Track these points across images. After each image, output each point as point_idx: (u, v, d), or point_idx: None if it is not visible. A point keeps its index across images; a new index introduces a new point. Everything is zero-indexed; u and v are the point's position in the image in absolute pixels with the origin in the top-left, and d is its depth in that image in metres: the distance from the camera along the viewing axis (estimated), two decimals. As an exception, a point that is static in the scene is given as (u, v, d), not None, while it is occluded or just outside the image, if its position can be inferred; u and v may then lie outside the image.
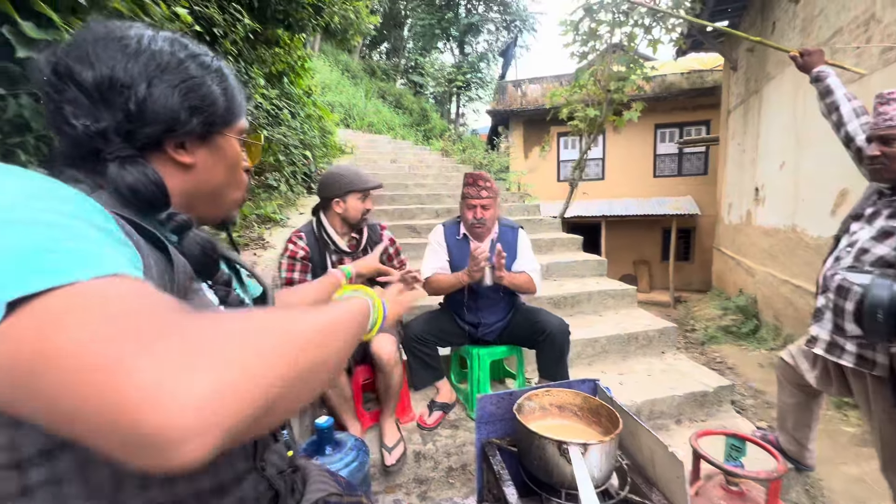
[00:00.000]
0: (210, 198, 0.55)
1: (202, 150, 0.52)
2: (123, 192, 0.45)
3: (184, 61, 0.49)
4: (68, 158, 0.47)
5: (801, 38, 4.34)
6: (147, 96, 0.46)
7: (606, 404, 0.99)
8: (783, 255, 4.64)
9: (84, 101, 0.44)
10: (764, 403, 3.42)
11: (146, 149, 0.48)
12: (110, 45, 0.45)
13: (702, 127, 9.70)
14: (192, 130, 0.50)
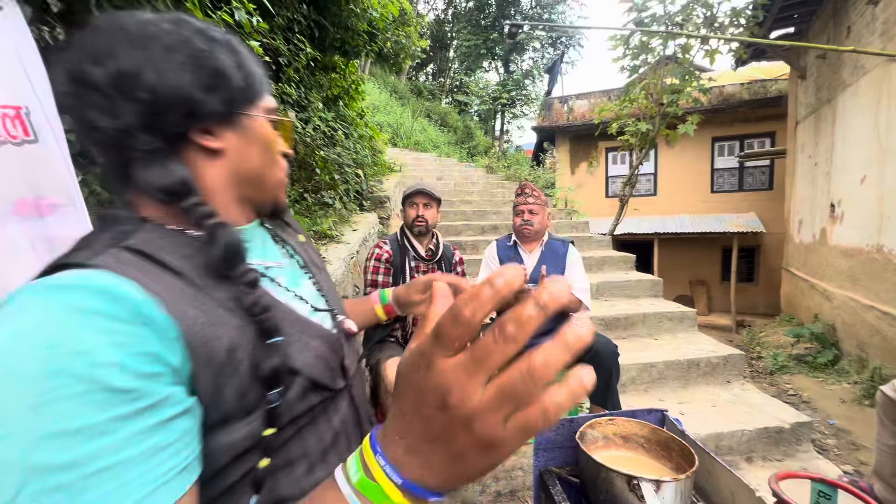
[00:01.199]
0: (252, 183, 0.52)
1: (230, 133, 0.48)
2: (152, 194, 0.44)
3: (189, 38, 0.45)
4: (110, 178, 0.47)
5: (881, 41, 3.99)
6: (157, 80, 0.42)
7: (678, 438, 0.93)
8: (867, 277, 4.19)
9: (102, 101, 0.42)
10: (849, 444, 3.06)
11: (174, 142, 0.45)
12: (114, 37, 0.42)
13: (765, 139, 9.09)
14: (213, 112, 0.46)
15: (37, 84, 1.08)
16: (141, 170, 0.44)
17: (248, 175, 0.51)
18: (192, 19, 0.47)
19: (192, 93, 0.44)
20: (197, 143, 0.47)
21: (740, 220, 8.80)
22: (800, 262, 6.09)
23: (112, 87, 0.41)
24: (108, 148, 0.44)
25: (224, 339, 0.41)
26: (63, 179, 1.14)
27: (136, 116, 0.42)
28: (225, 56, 0.47)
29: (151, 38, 0.43)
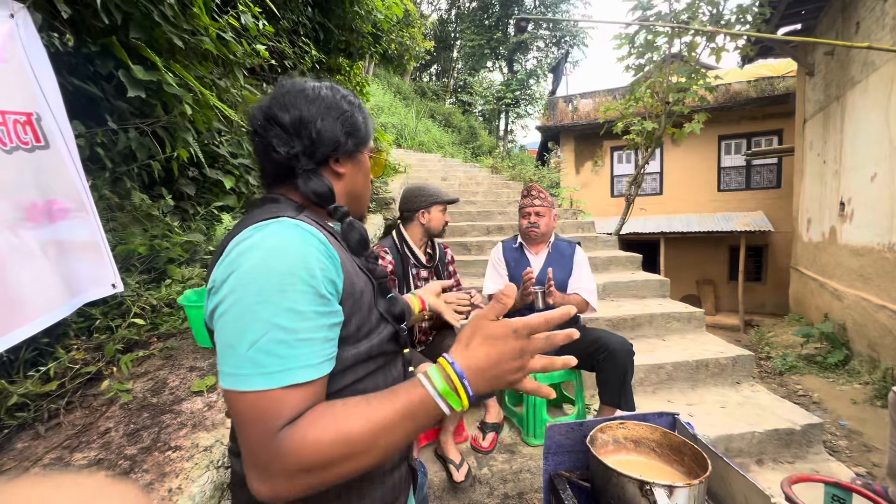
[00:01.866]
0: (354, 199, 0.75)
1: (349, 163, 0.72)
2: (310, 196, 0.65)
3: (339, 101, 0.69)
4: (269, 177, 0.69)
5: (892, 37, 3.94)
6: (322, 128, 0.66)
7: (690, 442, 0.92)
8: (879, 276, 4.13)
9: (283, 135, 0.65)
10: (861, 446, 3.02)
11: (319, 164, 0.68)
12: (297, 96, 0.66)
13: (772, 137, 9.00)
14: (347, 150, 0.69)
15: (47, 91, 1.09)
16: (303, 180, 0.65)
17: (353, 194, 0.74)
18: (340, 88, 0.72)
19: (339, 136, 0.67)
20: (331, 167, 0.69)
21: (748, 218, 8.72)
22: (809, 260, 6.02)
23: (292, 127, 0.65)
24: (279, 165, 0.66)
25: (359, 284, 0.62)
26: (74, 184, 1.15)
27: (303, 147, 0.65)
28: (359, 115, 0.71)
29: (320, 99, 0.67)
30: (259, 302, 0.50)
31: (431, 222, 1.98)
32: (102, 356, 1.25)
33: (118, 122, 1.61)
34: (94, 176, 1.55)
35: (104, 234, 1.22)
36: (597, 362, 1.91)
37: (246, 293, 0.51)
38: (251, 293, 0.50)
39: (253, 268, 0.52)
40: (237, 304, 0.51)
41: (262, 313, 0.50)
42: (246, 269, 0.52)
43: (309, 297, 0.52)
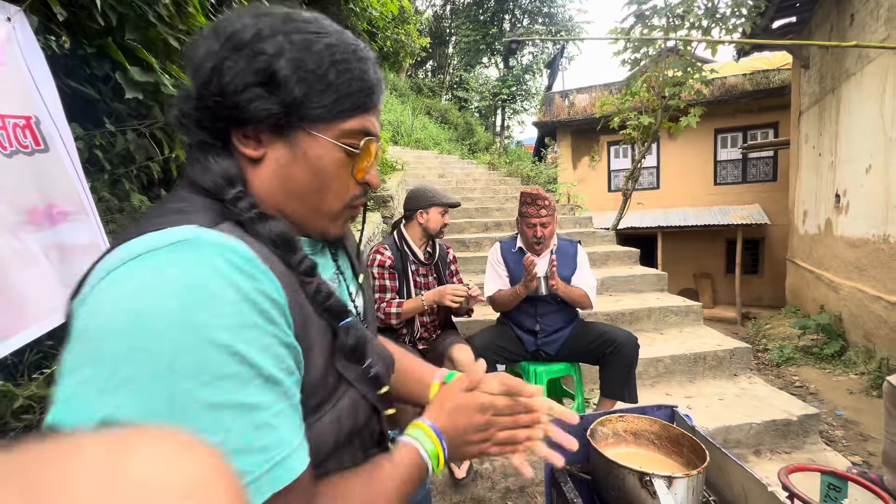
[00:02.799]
0: (298, 200, 0.48)
1: (278, 143, 0.46)
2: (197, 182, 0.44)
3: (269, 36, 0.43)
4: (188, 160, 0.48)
5: (886, 29, 3.96)
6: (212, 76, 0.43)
7: (689, 434, 0.93)
8: (874, 268, 4.17)
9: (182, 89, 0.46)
10: (857, 436, 3.05)
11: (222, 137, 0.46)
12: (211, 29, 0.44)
13: (768, 130, 9.03)
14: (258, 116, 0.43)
15: (45, 94, 1.09)
16: (188, 155, 0.45)
17: (292, 193, 0.47)
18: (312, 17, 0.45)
19: (248, 90, 0.42)
20: (235, 144, 0.45)
21: (744, 212, 8.75)
22: (805, 253, 6.06)
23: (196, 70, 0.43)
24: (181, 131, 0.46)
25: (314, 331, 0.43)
26: (74, 187, 1.16)
27: (194, 102, 0.43)
28: (290, 61, 0.42)
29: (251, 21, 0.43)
30: (208, 383, 0.33)
31: (429, 223, 2.01)
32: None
33: (116, 125, 1.61)
34: (93, 178, 1.54)
35: (105, 236, 1.23)
36: (602, 356, 1.93)
37: (179, 378, 0.32)
38: (188, 375, 0.32)
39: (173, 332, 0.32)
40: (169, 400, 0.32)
41: (219, 397, 0.33)
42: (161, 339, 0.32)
43: (272, 348, 0.37)
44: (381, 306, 1.87)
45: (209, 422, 0.32)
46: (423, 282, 2.05)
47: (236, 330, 0.34)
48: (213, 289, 0.34)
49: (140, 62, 1.64)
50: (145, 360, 0.32)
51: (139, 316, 0.32)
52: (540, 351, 2.07)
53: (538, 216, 2.01)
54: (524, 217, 2.08)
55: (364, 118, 0.47)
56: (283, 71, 0.42)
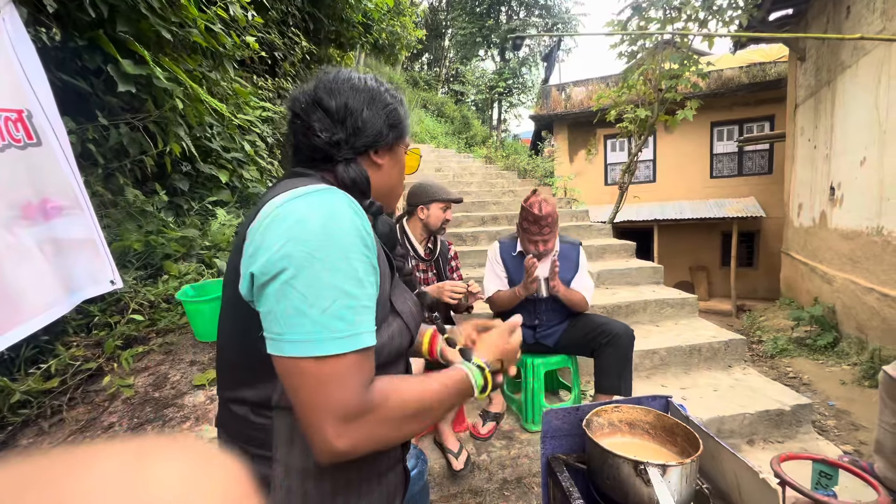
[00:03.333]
0: (387, 193, 0.75)
1: (387, 155, 0.72)
2: (347, 184, 0.66)
3: (383, 93, 0.70)
4: (303, 162, 0.69)
5: (882, 21, 3.96)
6: (366, 118, 0.67)
7: (683, 423, 0.95)
8: (867, 260, 4.20)
9: (327, 121, 0.66)
10: (849, 425, 3.10)
11: (358, 154, 0.69)
12: (344, 83, 0.68)
13: (764, 123, 9.04)
14: (388, 142, 0.70)
15: (37, 87, 1.08)
16: (343, 166, 0.67)
17: (386, 187, 0.74)
18: (384, 81, 0.73)
19: (381, 129, 0.69)
20: (371, 158, 0.70)
21: (740, 204, 8.79)
22: (799, 245, 6.10)
23: (338, 114, 0.66)
24: (317, 150, 0.67)
25: (383, 268, 0.63)
26: (68, 181, 1.15)
27: (346, 136, 0.67)
28: (400, 108, 0.73)
29: (365, 90, 0.68)
30: (327, 269, 0.52)
31: (429, 219, 2.00)
32: (102, 352, 1.26)
33: (109, 118, 1.59)
34: (86, 172, 1.53)
35: (101, 230, 1.22)
36: (598, 346, 1.92)
37: (312, 260, 0.52)
38: (318, 260, 0.52)
39: (315, 234, 0.53)
40: (304, 270, 0.52)
41: (332, 279, 0.52)
42: (308, 236, 0.53)
43: (366, 266, 0.56)
44: None
45: (324, 293, 0.52)
46: (423, 277, 2.05)
47: (350, 244, 0.55)
48: (342, 215, 0.56)
49: (132, 55, 1.62)
50: (301, 246, 0.52)
51: (301, 222, 0.54)
52: (538, 343, 2.08)
53: (540, 234, 1.94)
54: (526, 232, 1.99)
55: (408, 136, 0.77)
56: (400, 114, 0.72)
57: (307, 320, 0.51)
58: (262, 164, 2.58)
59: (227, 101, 2.35)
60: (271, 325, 0.53)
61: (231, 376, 0.64)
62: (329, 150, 0.66)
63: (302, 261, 0.52)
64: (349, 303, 0.53)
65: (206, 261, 1.86)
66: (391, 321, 0.67)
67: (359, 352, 0.53)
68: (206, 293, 1.49)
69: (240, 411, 0.62)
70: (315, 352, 0.51)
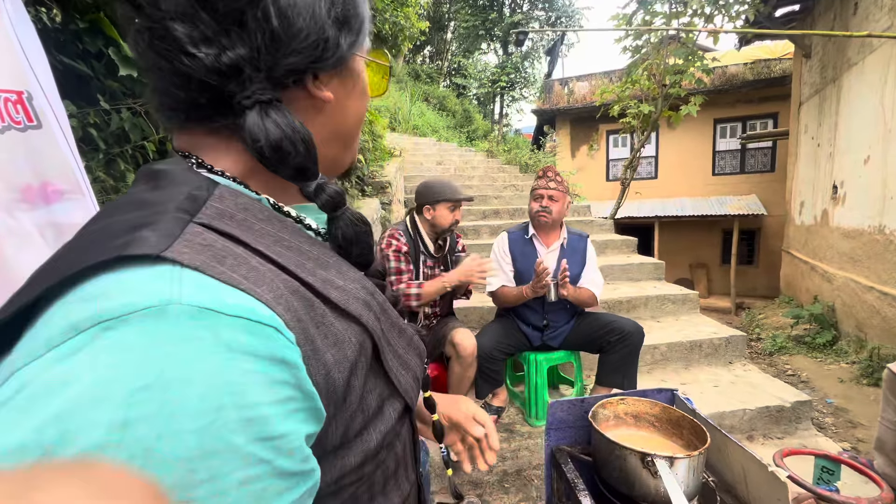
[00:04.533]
0: (339, 141, 0.41)
1: (336, 80, 0.37)
2: (265, 153, 0.32)
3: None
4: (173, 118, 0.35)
5: (889, 17, 3.92)
6: (289, 7, 0.32)
7: (689, 416, 0.94)
8: (868, 259, 4.20)
9: (210, 22, 0.30)
10: (847, 423, 3.11)
11: (282, 87, 0.34)
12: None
13: (768, 120, 9.00)
14: (339, 55, 0.36)
15: (38, 69, 1.06)
16: (258, 119, 0.32)
17: (339, 131, 0.40)
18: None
19: (325, 31, 0.34)
20: (309, 91, 0.36)
21: (741, 202, 8.77)
22: (800, 243, 6.10)
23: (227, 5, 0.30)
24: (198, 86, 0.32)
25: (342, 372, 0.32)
26: (68, 165, 1.13)
27: (253, 51, 0.32)
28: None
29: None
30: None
31: (436, 219, 1.95)
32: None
33: (110, 102, 1.57)
34: (87, 157, 1.51)
35: (101, 216, 1.21)
36: (607, 343, 1.92)
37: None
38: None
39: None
40: None
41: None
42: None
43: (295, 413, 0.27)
44: (400, 287, 1.81)
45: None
46: (431, 273, 2.03)
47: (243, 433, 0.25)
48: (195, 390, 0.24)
49: (134, 39, 1.60)
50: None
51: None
52: (545, 344, 2.07)
53: (546, 188, 1.98)
54: (533, 192, 2.04)
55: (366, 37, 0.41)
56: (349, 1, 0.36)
57: None
58: (263, 154, 2.56)
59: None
60: None
61: None
62: (219, 85, 0.32)
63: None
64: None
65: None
66: (386, 409, 0.38)
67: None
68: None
69: None
70: None
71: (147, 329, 0.23)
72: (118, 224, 0.28)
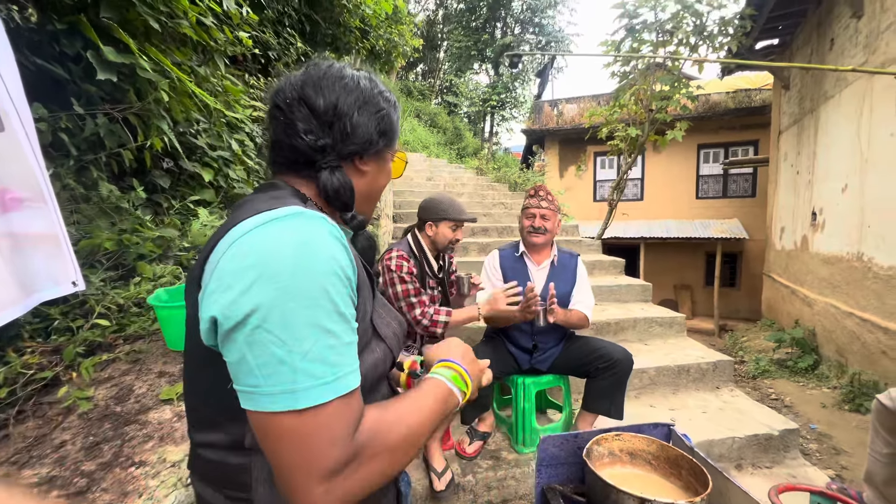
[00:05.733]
0: (367, 201, 0.69)
1: (373, 162, 0.66)
2: (329, 194, 0.60)
3: (377, 95, 0.64)
4: (281, 162, 0.63)
5: (864, 54, 4.10)
6: (357, 122, 0.61)
7: (688, 456, 0.89)
8: (847, 285, 4.29)
9: (313, 121, 0.59)
10: (831, 449, 3.11)
11: (343, 160, 0.63)
12: (335, 81, 0.61)
13: (749, 147, 9.30)
14: (377, 148, 0.64)
15: (3, 68, 0.99)
16: (328, 174, 0.60)
17: (370, 194, 0.69)
18: (376, 78, 0.67)
19: (372, 135, 0.63)
20: (356, 165, 0.65)
21: (724, 226, 8.97)
22: (781, 268, 6.22)
23: (325, 115, 0.60)
24: (299, 152, 0.60)
25: (365, 292, 0.58)
26: (31, 171, 1.05)
27: (333, 140, 0.60)
28: (394, 112, 0.67)
29: (358, 90, 0.62)
30: (304, 307, 0.46)
31: (437, 236, 1.89)
32: (61, 360, 1.15)
33: (86, 107, 1.49)
34: (56, 164, 1.43)
35: (65, 227, 1.12)
36: (595, 370, 1.87)
37: (286, 297, 0.45)
38: (293, 297, 0.45)
39: (287, 267, 0.46)
40: (277, 310, 0.45)
41: (311, 317, 0.46)
42: (279, 270, 0.46)
43: (346, 298, 0.50)
44: (429, 312, 1.77)
45: (303, 334, 0.45)
46: (432, 294, 1.97)
47: (328, 276, 0.48)
48: (317, 243, 0.49)
49: (116, 42, 1.53)
50: (271, 283, 0.45)
51: (270, 254, 0.47)
52: (533, 368, 2.01)
53: (538, 206, 1.96)
54: (524, 210, 2.02)
55: (397, 143, 0.71)
56: (392, 119, 0.67)
57: (286, 368, 0.44)
58: (249, 164, 2.49)
59: (216, 97, 2.26)
60: (244, 376, 0.46)
61: (198, 418, 0.59)
62: (312, 155, 0.60)
63: (274, 299, 0.45)
64: (331, 342, 0.47)
65: (183, 263, 1.75)
66: (374, 346, 0.62)
67: (345, 396, 0.47)
68: (180, 298, 1.39)
69: (213, 455, 0.56)
70: (298, 404, 0.44)
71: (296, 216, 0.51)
72: (264, 201, 0.54)
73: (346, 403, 0.47)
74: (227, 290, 0.46)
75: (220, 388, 0.51)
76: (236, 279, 0.46)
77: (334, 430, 0.46)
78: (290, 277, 0.46)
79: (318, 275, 0.47)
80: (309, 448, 0.45)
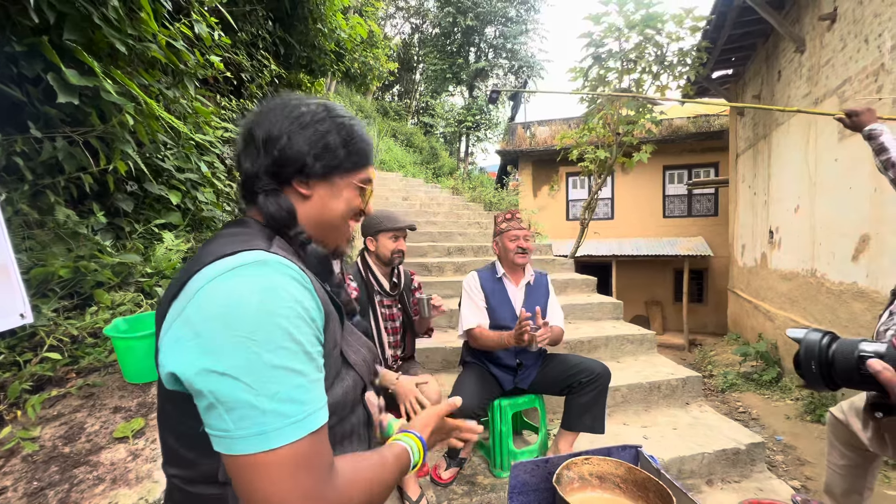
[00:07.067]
0: (326, 228, 0.69)
1: (321, 186, 0.67)
2: (266, 217, 0.62)
3: (318, 119, 0.65)
4: (245, 199, 0.66)
5: (808, 86, 4.44)
6: (286, 145, 0.62)
7: (654, 478, 0.91)
8: (804, 299, 4.52)
9: (253, 151, 0.63)
10: (795, 460, 3.21)
11: (284, 184, 0.65)
12: (277, 110, 0.64)
13: (710, 169, 9.80)
14: (314, 172, 0.65)
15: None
16: (262, 198, 0.63)
17: (324, 221, 0.68)
18: (338, 107, 0.68)
19: (304, 157, 0.64)
20: (295, 188, 0.65)
21: (690, 243, 9.34)
22: (744, 284, 6.50)
23: (263, 143, 0.63)
24: (245, 181, 0.65)
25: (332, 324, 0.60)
26: (-20, 199, 1.00)
27: (266, 165, 0.63)
28: (335, 136, 0.66)
29: (296, 115, 0.64)
30: (270, 350, 0.48)
31: (379, 250, 1.88)
32: (5, 397, 1.07)
33: (44, 130, 1.44)
34: (9, 188, 1.37)
35: (14, 255, 1.07)
36: (577, 384, 1.88)
37: (250, 343, 0.47)
38: (257, 342, 0.48)
39: (251, 315, 0.48)
40: (242, 356, 0.47)
41: (277, 361, 0.48)
42: (242, 317, 0.48)
43: (311, 338, 0.53)
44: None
45: (270, 377, 0.47)
46: (388, 313, 1.95)
47: (291, 319, 0.50)
48: (279, 292, 0.51)
49: (79, 64, 1.50)
50: (235, 331, 0.47)
51: (234, 304, 0.48)
52: (516, 388, 2.01)
53: (520, 229, 2.02)
54: (505, 233, 2.03)
55: (368, 169, 0.72)
56: (333, 142, 0.66)
57: (255, 411, 0.46)
58: (219, 187, 2.44)
59: (185, 119, 2.23)
60: (215, 421, 0.47)
61: (170, 454, 0.58)
62: (251, 181, 0.64)
63: (239, 346, 0.47)
64: (299, 381, 0.49)
65: (145, 289, 1.68)
66: (344, 375, 0.65)
67: (316, 432, 0.49)
68: (140, 327, 1.32)
69: (188, 487, 0.58)
70: (269, 444, 0.46)
71: (259, 264, 0.52)
72: (230, 243, 0.56)
73: (316, 439, 0.49)
74: (193, 340, 0.48)
75: (189, 428, 0.53)
76: (202, 328, 0.48)
77: (309, 465, 0.48)
78: (254, 324, 0.48)
79: (281, 318, 0.49)
80: (282, 479, 0.46)
